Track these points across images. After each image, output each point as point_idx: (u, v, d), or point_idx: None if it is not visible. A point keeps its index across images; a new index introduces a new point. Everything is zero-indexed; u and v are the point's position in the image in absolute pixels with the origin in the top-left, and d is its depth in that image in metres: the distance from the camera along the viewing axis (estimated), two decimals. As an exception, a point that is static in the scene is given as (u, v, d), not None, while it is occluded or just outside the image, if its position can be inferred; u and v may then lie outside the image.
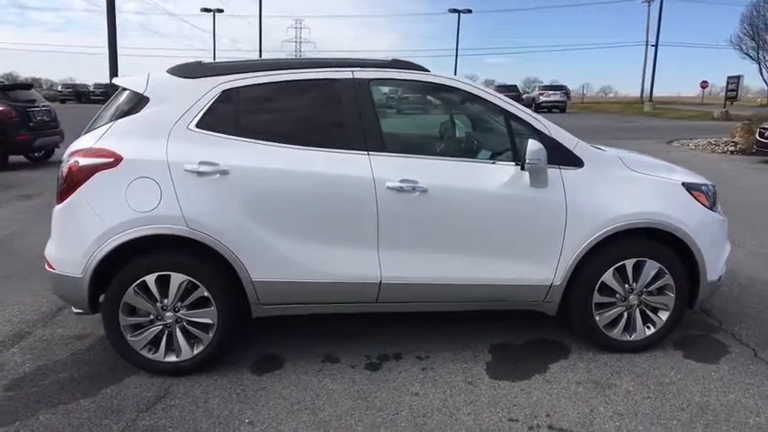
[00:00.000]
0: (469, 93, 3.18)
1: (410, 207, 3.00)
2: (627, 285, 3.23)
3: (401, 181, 2.97)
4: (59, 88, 48.85)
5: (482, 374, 3.08)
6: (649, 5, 55.14)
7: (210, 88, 2.99)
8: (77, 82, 54.35)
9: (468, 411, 2.73)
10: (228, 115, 3.00)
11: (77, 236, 2.88)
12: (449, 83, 3.17)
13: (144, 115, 2.96)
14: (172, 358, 3.01)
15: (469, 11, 54.19)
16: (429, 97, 3.69)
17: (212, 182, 2.88)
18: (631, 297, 3.25)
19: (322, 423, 2.63)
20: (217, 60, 3.18)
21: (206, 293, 2.94)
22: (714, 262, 3.29)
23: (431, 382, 3.00)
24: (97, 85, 45.23)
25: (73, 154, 2.92)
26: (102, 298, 2.99)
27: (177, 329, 2.98)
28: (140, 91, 3.00)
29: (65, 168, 2.91)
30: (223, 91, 2.99)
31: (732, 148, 14.50)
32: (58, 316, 3.80)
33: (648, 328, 3.30)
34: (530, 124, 3.14)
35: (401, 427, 2.60)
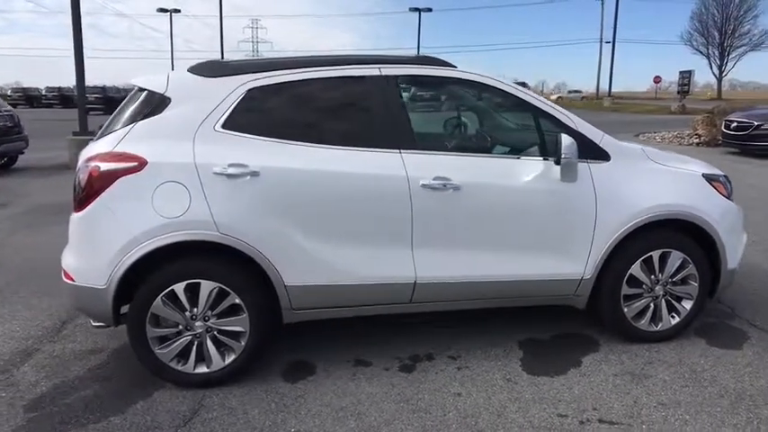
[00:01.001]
0: (496, 88, 3.15)
1: (444, 205, 2.95)
2: (653, 276, 3.27)
3: (434, 179, 2.92)
4: (8, 92, 46.79)
5: (518, 371, 3.07)
6: (603, 3, 56.72)
7: (235, 87, 2.87)
8: (27, 86, 52.27)
9: (514, 409, 2.71)
10: (255, 115, 2.89)
11: (101, 245, 2.73)
12: (476, 78, 3.14)
13: (166, 117, 2.82)
14: (202, 369, 2.88)
15: (429, 9, 54.60)
16: (455, 93, 3.65)
17: (243, 184, 2.77)
18: (657, 288, 3.29)
19: (371, 429, 2.56)
20: (239, 59, 3.07)
21: (237, 300, 2.83)
22: (733, 250, 3.37)
23: (470, 381, 2.97)
24: (49, 89, 43.57)
25: (91, 159, 2.76)
26: (123, 310, 2.85)
27: (207, 339, 2.86)
28: (161, 91, 2.86)
29: (83, 175, 2.74)
30: (248, 90, 2.88)
31: (697, 141, 15.01)
32: (64, 330, 3.61)
33: (673, 317, 3.35)
34: (557, 119, 3.14)
35: (453, 429, 2.56)
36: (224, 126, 2.83)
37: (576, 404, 2.74)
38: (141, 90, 3.00)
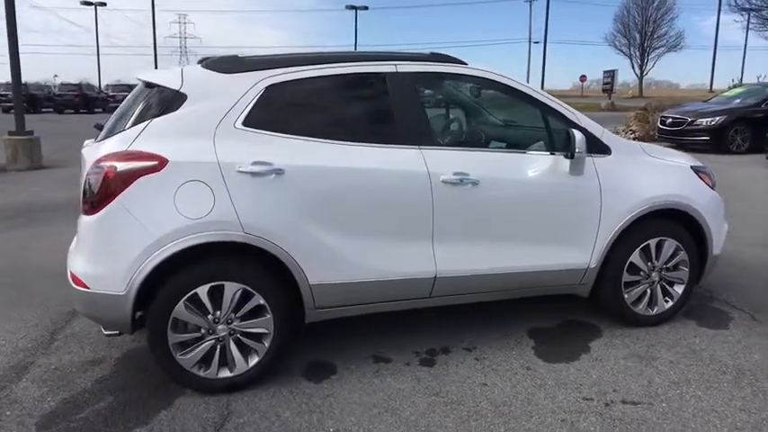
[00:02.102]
0: (506, 84, 3.23)
1: (463, 199, 3.01)
2: (650, 263, 3.46)
3: (454, 174, 2.97)
4: None
5: (534, 359, 3.17)
6: (531, 6, 58.76)
7: (254, 84, 2.80)
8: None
9: (542, 396, 2.80)
10: (275, 112, 2.83)
11: (119, 249, 2.59)
12: (487, 75, 3.21)
13: (183, 114, 2.71)
14: (225, 374, 2.80)
15: (366, 8, 54.73)
16: (467, 89, 3.70)
17: (267, 182, 2.71)
18: (653, 274, 3.49)
19: (410, 423, 2.58)
20: (254, 54, 2.99)
21: (261, 301, 2.77)
22: (717, 237, 3.62)
23: (491, 371, 3.04)
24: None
25: (104, 159, 2.62)
26: (137, 316, 2.72)
27: (231, 342, 2.78)
28: (175, 87, 2.75)
29: (97, 176, 2.59)
30: (267, 86, 2.82)
31: (633, 136, 15.85)
32: (56, 341, 3.40)
33: (667, 301, 3.56)
34: (563, 115, 3.26)
35: (489, 418, 2.62)
36: (244, 123, 2.75)
37: (597, 387, 2.87)
38: (151, 86, 2.87)
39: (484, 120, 3.85)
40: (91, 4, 47.13)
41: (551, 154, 3.21)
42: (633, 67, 58.64)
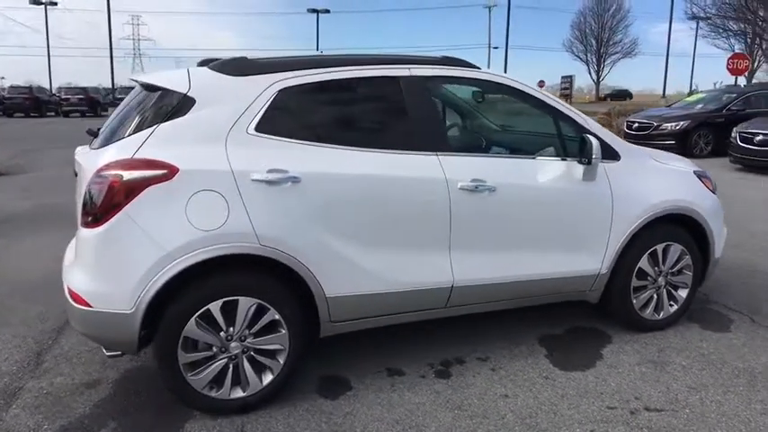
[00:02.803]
0: (519, 90, 3.19)
1: (480, 207, 2.94)
2: (657, 268, 3.47)
3: (472, 181, 2.90)
4: None
5: (550, 367, 3.13)
6: (490, 12, 59.71)
7: (266, 87, 2.67)
8: None
9: (566, 406, 2.75)
10: (288, 117, 2.71)
11: (126, 264, 2.42)
12: (500, 80, 3.16)
13: (192, 119, 2.56)
14: (238, 394, 2.65)
15: (327, 11, 54.54)
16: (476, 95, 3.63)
17: (283, 191, 2.58)
18: (660, 279, 3.50)
19: (438, 440, 2.49)
20: (263, 57, 2.85)
21: (277, 316, 2.63)
22: (719, 241, 3.66)
23: (510, 381, 2.97)
24: None
25: (108, 168, 2.43)
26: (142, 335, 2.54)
27: (244, 360, 2.63)
28: (183, 91, 2.59)
29: (100, 186, 2.41)
30: (280, 90, 2.68)
31: (598, 140, 16.21)
32: (43, 363, 3.16)
33: (672, 306, 3.58)
34: (575, 120, 3.24)
35: (516, 431, 2.55)
36: (257, 129, 2.62)
37: (619, 396, 2.84)
38: (153, 89, 2.70)
39: (496, 125, 3.80)
40: (41, 3, 45.33)
41: (563, 160, 3.18)
42: (590, 73, 60.28)
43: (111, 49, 35.83)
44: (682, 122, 12.33)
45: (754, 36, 33.68)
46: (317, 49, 53.76)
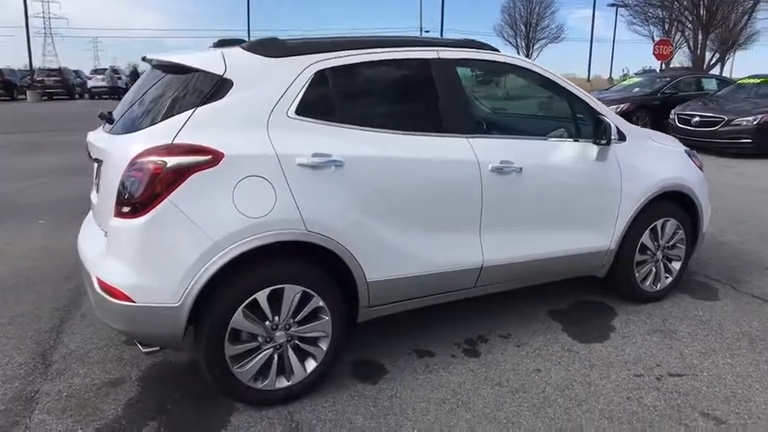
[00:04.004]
0: (537, 73, 3.25)
1: (508, 187, 3.00)
2: (656, 243, 3.67)
3: (501, 162, 2.95)
4: None
5: (570, 341, 3.26)
6: (422, -6, 60.01)
7: (302, 69, 2.59)
8: None
9: (597, 376, 2.88)
10: (325, 99, 2.64)
11: (172, 255, 2.29)
12: (520, 63, 3.22)
13: (231, 102, 2.44)
14: (283, 384, 2.60)
15: (257, -9, 52.85)
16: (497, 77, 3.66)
17: (328, 176, 2.53)
18: (658, 253, 3.71)
19: (490, 417, 2.54)
20: (296, 38, 2.74)
21: (321, 303, 2.59)
22: (706, 216, 3.92)
23: (538, 356, 3.08)
24: None
25: (147, 154, 2.29)
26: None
27: (289, 349, 2.58)
28: (219, 73, 2.46)
29: (141, 174, 2.27)
30: (316, 72, 2.61)
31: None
32: (53, 364, 2.96)
33: (667, 278, 3.81)
34: (588, 104, 3.34)
35: (560, 403, 2.65)
36: (297, 112, 2.54)
37: (642, 363, 3.00)
38: (183, 70, 2.55)
39: (515, 107, 3.86)
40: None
41: (575, 141, 3.29)
42: (520, 57, 61.84)
43: (27, 27, 33.08)
44: (623, 105, 12.95)
45: (671, 22, 35.74)
46: (248, 32, 52.21)
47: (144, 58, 2.91)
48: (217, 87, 2.45)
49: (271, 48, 2.61)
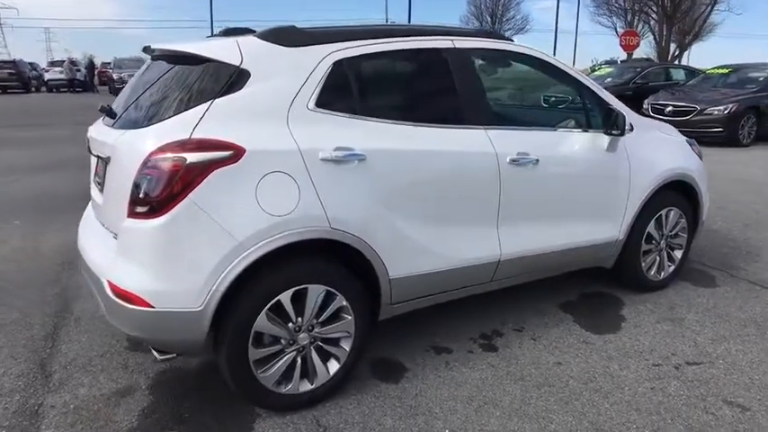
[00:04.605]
0: (550, 64, 3.23)
1: (525, 179, 2.96)
2: (661, 232, 3.70)
3: (518, 154, 2.90)
4: None
5: (584, 332, 3.25)
6: (385, -15, 59.75)
7: (321, 59, 2.48)
8: None
9: (617, 367, 2.88)
10: (344, 91, 2.54)
11: (193, 257, 2.17)
12: (534, 53, 3.17)
13: (249, 94, 2.32)
14: (306, 387, 2.50)
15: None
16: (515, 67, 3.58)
17: (351, 171, 2.43)
18: (662, 242, 3.74)
19: (519, 412, 2.51)
20: (312, 27, 2.62)
21: (344, 302, 2.50)
22: (706, 205, 3.97)
23: (556, 349, 3.06)
24: None
25: (163, 150, 2.15)
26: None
27: (312, 351, 2.49)
28: (235, 63, 2.33)
29: (158, 171, 2.13)
30: (335, 62, 2.50)
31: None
32: (53, 375, 2.79)
33: (670, 266, 3.85)
34: (597, 94, 3.33)
35: (586, 396, 2.63)
36: (317, 104, 2.43)
37: (657, 353, 3.02)
38: (194, 60, 2.41)
39: (526, 97, 3.81)
40: None
41: (585, 131, 3.27)
42: (485, 49, 62.20)
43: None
44: (596, 95, 13.15)
45: (633, 13, 36.51)
46: (211, 22, 51.00)
47: (145, 49, 2.75)
48: (233, 78, 2.32)
49: (288, 36, 2.49)
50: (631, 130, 3.42)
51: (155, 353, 2.40)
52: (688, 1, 26.64)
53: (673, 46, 29.95)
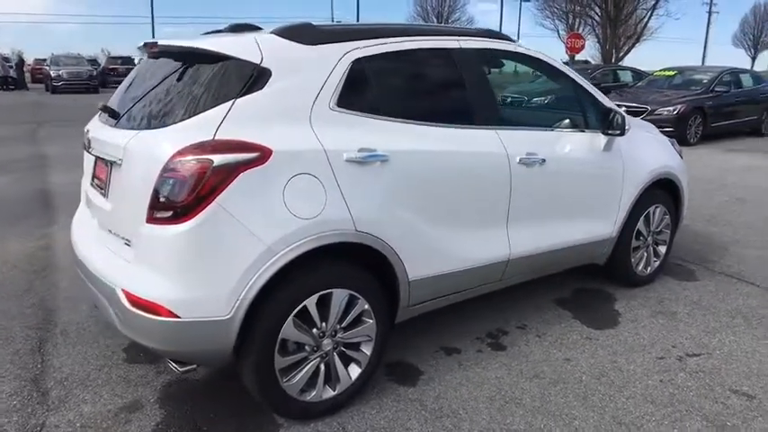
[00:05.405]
0: (551, 65, 3.28)
1: (533, 179, 2.99)
2: (648, 228, 3.83)
3: (527, 154, 2.93)
4: None
5: (585, 329, 3.32)
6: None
7: (340, 57, 2.42)
8: None
9: (624, 361, 2.95)
10: (363, 90, 2.49)
11: (221, 263, 2.07)
12: (536, 55, 3.21)
13: (271, 93, 2.23)
14: (329, 394, 2.44)
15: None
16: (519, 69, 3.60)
17: (374, 172, 2.39)
18: (649, 238, 3.87)
19: (542, 410, 2.53)
20: (329, 24, 2.54)
21: (366, 306, 2.46)
22: (686, 202, 4.14)
23: (563, 346, 3.11)
24: None
25: (187, 152, 2.04)
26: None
27: (335, 357, 2.43)
28: (255, 61, 2.24)
29: (183, 174, 2.02)
30: (354, 60, 2.45)
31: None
32: (50, 392, 2.60)
33: (655, 262, 3.99)
34: (593, 95, 3.41)
35: (602, 391, 2.68)
36: (338, 104, 2.37)
37: (659, 346, 3.12)
38: (210, 58, 2.30)
39: (534, 98, 3.84)
40: None
41: (582, 131, 3.34)
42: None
43: None
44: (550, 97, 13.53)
45: (575, 17, 37.79)
46: (152, 21, 49.27)
47: (146, 44, 2.60)
48: (254, 77, 2.23)
49: (306, 34, 2.42)
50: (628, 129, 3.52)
51: (173, 365, 2.27)
52: (630, 5, 27.86)
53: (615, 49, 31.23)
